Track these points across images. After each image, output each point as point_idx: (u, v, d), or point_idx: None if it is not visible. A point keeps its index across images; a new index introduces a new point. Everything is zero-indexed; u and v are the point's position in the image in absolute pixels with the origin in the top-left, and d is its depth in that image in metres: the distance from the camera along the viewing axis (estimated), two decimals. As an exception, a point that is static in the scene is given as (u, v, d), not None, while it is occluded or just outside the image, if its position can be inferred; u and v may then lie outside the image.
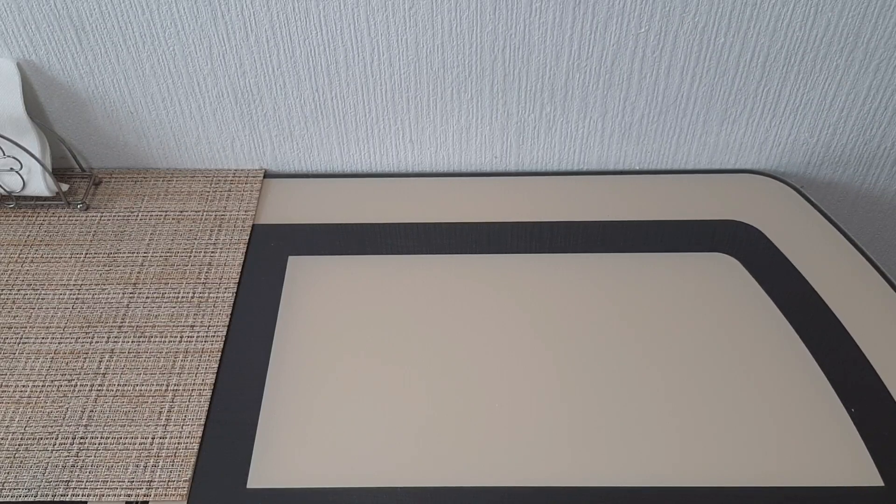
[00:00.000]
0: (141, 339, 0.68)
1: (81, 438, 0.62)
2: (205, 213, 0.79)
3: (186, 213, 0.79)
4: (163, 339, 0.68)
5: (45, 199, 0.80)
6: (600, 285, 0.72)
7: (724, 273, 0.73)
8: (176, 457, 0.60)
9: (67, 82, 0.78)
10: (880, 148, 0.83)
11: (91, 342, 0.68)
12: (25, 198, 0.80)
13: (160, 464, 0.60)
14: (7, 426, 0.62)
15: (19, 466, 0.60)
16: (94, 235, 0.77)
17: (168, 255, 0.75)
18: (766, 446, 0.60)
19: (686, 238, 0.76)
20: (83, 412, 0.63)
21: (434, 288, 0.72)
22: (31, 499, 0.58)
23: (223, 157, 0.84)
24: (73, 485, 0.59)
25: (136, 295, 0.72)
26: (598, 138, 0.82)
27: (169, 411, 0.63)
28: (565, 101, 0.78)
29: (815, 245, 0.75)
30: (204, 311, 0.70)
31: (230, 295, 0.72)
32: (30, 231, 0.78)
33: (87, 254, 0.75)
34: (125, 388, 0.65)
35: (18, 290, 0.72)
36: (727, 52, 0.74)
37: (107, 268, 0.74)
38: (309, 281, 0.73)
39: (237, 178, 0.84)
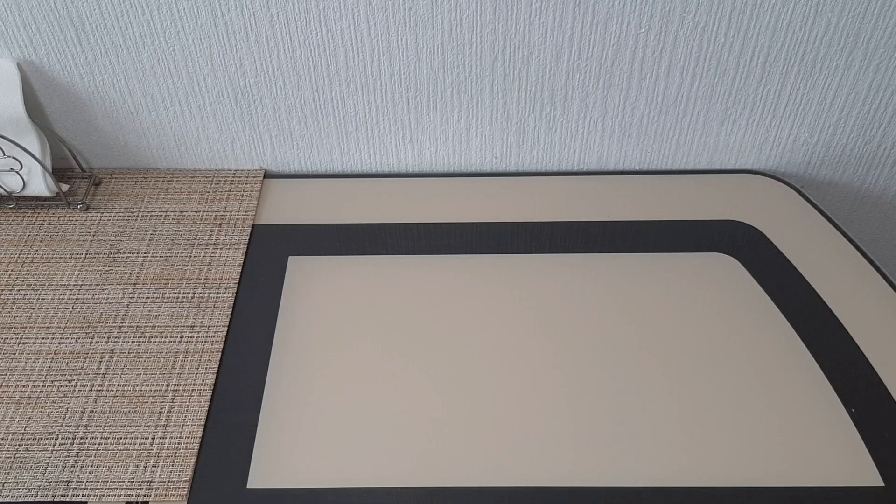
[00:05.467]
0: (141, 340, 0.68)
1: (81, 438, 0.62)
2: (205, 214, 0.79)
3: (186, 214, 0.79)
4: (163, 340, 0.68)
5: (46, 199, 0.80)
6: (600, 285, 0.72)
7: (724, 273, 0.73)
8: (176, 457, 0.60)
9: (67, 82, 0.78)
10: (880, 148, 0.83)
11: (91, 342, 0.68)
12: (26, 198, 0.80)
13: (160, 464, 0.60)
14: (7, 426, 0.62)
15: (19, 466, 0.60)
16: (94, 235, 0.77)
17: (168, 255, 0.75)
18: (766, 446, 0.60)
19: (686, 238, 0.76)
20: (83, 412, 0.63)
21: (434, 288, 0.72)
22: (31, 499, 0.58)
23: (223, 157, 0.84)
24: (73, 485, 0.59)
25: (136, 295, 0.72)
26: (598, 138, 0.82)
27: (169, 411, 0.63)
28: (565, 101, 0.78)
29: (815, 245, 0.75)
30: (204, 311, 0.70)
31: (230, 295, 0.72)
32: (30, 231, 0.78)
33: (87, 254, 0.75)
34: (125, 389, 0.65)
35: (18, 290, 0.72)
36: (727, 52, 0.74)
37: (107, 268, 0.74)
38: (309, 281, 0.73)
39: (237, 178, 0.84)
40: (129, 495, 0.58)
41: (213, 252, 0.76)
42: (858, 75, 0.76)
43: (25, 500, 0.58)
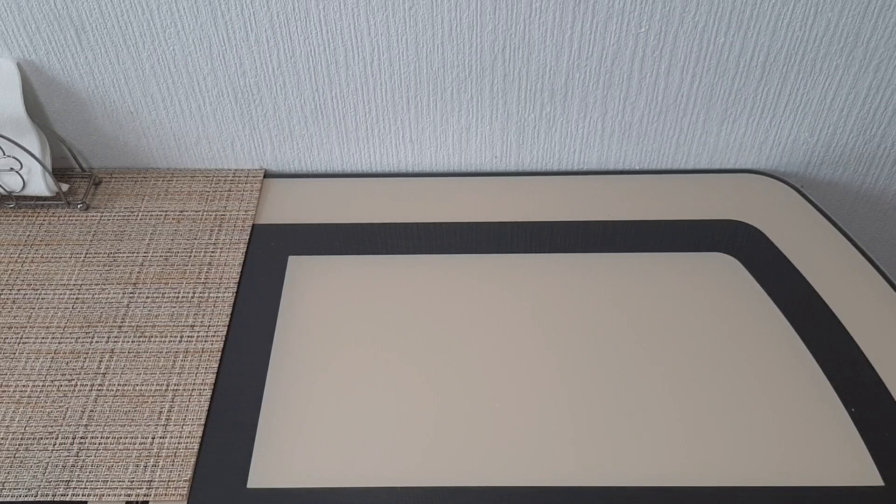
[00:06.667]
0: (141, 339, 0.68)
1: (81, 438, 0.62)
2: (205, 213, 0.79)
3: (186, 213, 0.79)
4: (163, 339, 0.68)
5: (46, 199, 0.80)
6: (600, 285, 0.72)
7: (724, 273, 0.73)
8: (176, 457, 0.60)
9: (67, 82, 0.78)
10: (880, 148, 0.83)
11: (91, 342, 0.68)
12: (25, 198, 0.80)
13: (160, 464, 0.60)
14: (7, 426, 0.62)
15: (19, 466, 0.60)
16: (94, 235, 0.77)
17: (168, 255, 0.75)
18: (766, 446, 0.60)
19: (686, 238, 0.76)
20: (83, 412, 0.63)
21: (434, 288, 0.72)
22: (31, 499, 0.58)
23: (223, 157, 0.84)
24: (73, 485, 0.59)
25: (136, 295, 0.72)
26: (598, 138, 0.82)
27: (169, 411, 0.63)
28: (565, 101, 0.78)
29: (815, 245, 0.75)
30: (204, 311, 0.70)
31: (230, 295, 0.72)
32: (30, 231, 0.78)
33: (87, 254, 0.75)
34: (125, 388, 0.65)
35: (18, 290, 0.72)
36: (727, 52, 0.74)
37: (107, 268, 0.74)
38: (309, 281, 0.73)
39: (237, 178, 0.84)
40: (129, 495, 0.58)
41: (213, 252, 0.76)
42: (858, 75, 0.76)
43: (25, 499, 0.58)
